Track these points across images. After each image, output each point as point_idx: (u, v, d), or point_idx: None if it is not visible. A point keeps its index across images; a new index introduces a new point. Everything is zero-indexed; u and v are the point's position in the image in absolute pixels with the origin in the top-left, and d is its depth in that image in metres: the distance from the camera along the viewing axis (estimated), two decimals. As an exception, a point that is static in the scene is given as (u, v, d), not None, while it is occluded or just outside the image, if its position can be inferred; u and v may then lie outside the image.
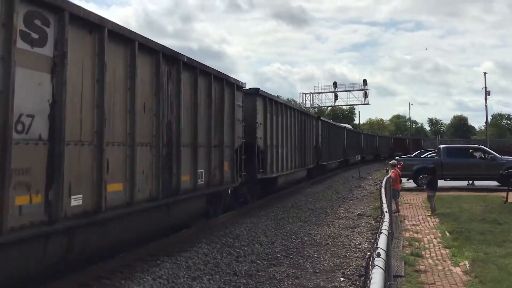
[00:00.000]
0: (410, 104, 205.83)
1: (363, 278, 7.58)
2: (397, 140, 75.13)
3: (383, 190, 11.38)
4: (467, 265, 8.40)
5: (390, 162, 17.21)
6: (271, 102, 16.86)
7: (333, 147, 32.16)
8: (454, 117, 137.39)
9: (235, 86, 12.61)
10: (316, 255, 9.56)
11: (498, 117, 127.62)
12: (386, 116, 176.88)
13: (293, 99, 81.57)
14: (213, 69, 11.17)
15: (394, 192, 15.06)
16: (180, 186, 9.33)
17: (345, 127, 41.74)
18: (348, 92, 62.75)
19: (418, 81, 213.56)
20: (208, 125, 10.82)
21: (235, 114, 12.52)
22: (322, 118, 29.59)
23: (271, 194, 17.92)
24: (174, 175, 9.14)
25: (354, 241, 10.87)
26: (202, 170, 10.44)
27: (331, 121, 36.76)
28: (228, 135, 12.01)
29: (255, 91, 15.19)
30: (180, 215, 9.93)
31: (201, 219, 11.50)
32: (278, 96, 29.42)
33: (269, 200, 17.19)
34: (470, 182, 23.90)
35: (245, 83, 13.55)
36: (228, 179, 12.08)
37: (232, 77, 12.50)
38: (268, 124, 16.21)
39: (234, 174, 12.38)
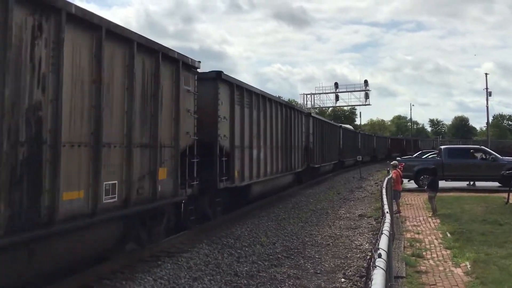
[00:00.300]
0: (412, 105, 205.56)
1: (364, 278, 7.58)
2: (395, 141, 72.93)
3: (384, 191, 11.39)
4: (468, 266, 8.39)
5: (391, 163, 17.19)
6: (242, 90, 13.19)
7: (327, 148, 29.41)
8: (455, 118, 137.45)
9: (180, 63, 9.26)
10: (317, 256, 9.56)
11: (499, 117, 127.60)
12: (387, 117, 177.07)
13: (294, 99, 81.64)
14: (138, 34, 7.88)
15: (395, 193, 15.05)
16: (57, 211, 5.88)
17: (340, 125, 38.67)
18: (349, 92, 62.71)
19: (419, 82, 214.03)
20: (128, 115, 7.58)
21: (181, 103, 9.30)
22: (313, 114, 26.76)
23: (245, 205, 14.57)
24: (46, 193, 5.81)
25: (355, 242, 10.86)
26: (115, 182, 7.21)
27: (324, 119, 33.00)
28: (168, 131, 8.89)
29: (217, 75, 11.60)
30: (62, 255, 6.51)
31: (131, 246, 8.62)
32: (279, 97, 27.71)
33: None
34: (471, 183, 23.87)
35: (199, 61, 10.17)
36: (167, 192, 8.86)
37: (175, 51, 9.14)
38: (237, 118, 12.76)
39: (177, 184, 9.17)
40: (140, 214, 8.16)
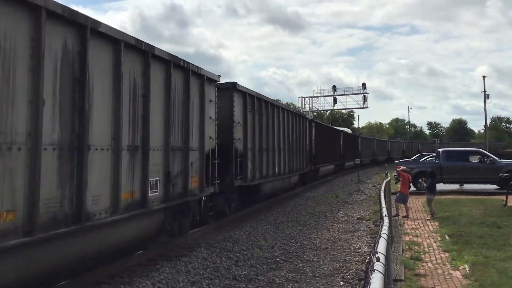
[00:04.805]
0: (409, 107, 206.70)
1: (363, 282, 7.57)
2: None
3: (382, 194, 11.39)
4: (467, 269, 8.39)
5: (401, 168, 16.83)
6: None
7: (284, 150, 18.52)
8: (453, 121, 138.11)
9: None
10: (315, 259, 9.55)
11: (497, 120, 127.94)
12: (385, 120, 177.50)
13: (292, 102, 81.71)
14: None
15: (401, 196, 14.97)
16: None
17: (312, 120, 27.40)
18: (347, 95, 62.71)
19: (415, 85, 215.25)
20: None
21: None
22: (249, 90, 14.63)
23: None
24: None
25: (354, 245, 10.85)
26: None
27: (274, 101, 18.35)
28: None
29: None
30: None
31: None
32: (277, 100, 23.85)
33: (269, 204, 17.03)
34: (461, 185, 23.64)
35: None
36: None
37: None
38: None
39: None
40: None
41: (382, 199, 10.33)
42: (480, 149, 26.66)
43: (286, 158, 18.88)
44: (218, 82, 11.86)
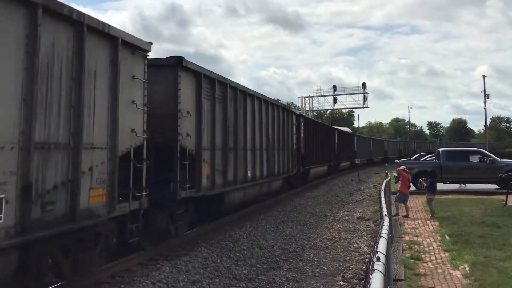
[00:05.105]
0: (410, 107, 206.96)
1: (363, 281, 7.58)
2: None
3: (382, 193, 11.40)
4: (467, 269, 8.39)
5: (401, 167, 16.76)
6: None
7: (261, 150, 15.22)
8: (453, 120, 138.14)
9: None
10: (315, 259, 9.55)
11: (497, 120, 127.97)
12: (385, 120, 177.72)
13: (292, 102, 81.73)
14: None
15: (400, 195, 14.89)
16: None
17: (300, 115, 23.93)
18: (347, 95, 62.72)
19: (415, 85, 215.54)
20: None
21: None
22: (206, 70, 11.10)
23: None
24: None
25: (354, 245, 10.86)
26: None
27: (222, 78, 12.15)
28: None
29: None
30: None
31: None
32: (277, 100, 22.94)
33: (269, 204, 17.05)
34: (463, 184, 23.67)
35: None
36: None
37: None
38: None
39: None
40: None
41: (382, 199, 10.34)
42: (480, 149, 26.64)
43: (263, 159, 15.42)
44: (149, 53, 8.57)
